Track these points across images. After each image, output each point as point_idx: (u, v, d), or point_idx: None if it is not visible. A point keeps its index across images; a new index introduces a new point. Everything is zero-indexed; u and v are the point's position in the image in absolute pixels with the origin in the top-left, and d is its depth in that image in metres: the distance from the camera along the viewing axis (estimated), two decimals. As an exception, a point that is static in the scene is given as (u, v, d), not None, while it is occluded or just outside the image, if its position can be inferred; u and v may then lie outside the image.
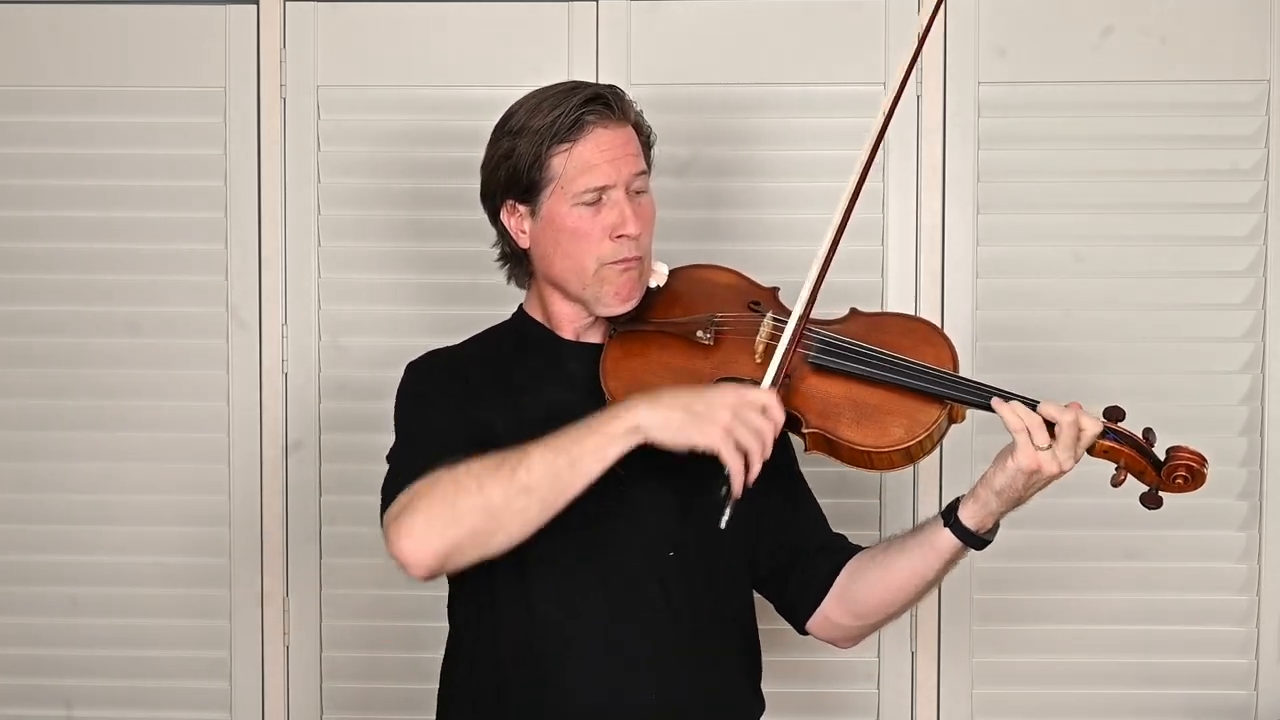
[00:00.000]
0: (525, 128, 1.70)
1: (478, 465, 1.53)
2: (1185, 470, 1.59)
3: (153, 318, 2.39)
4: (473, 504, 1.51)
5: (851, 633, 1.80)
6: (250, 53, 2.37)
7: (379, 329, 2.38)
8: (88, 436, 2.40)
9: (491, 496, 1.51)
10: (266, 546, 2.38)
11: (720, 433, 1.51)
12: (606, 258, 1.69)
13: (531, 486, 1.51)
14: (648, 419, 1.52)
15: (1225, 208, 2.33)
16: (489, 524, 1.52)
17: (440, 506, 1.52)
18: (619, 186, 1.69)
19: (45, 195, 2.39)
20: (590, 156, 1.68)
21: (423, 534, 1.51)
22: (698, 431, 1.51)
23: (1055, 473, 1.57)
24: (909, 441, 1.60)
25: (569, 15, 2.35)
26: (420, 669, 2.33)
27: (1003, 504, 1.60)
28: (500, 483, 1.51)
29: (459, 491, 1.52)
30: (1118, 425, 1.60)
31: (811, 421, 1.62)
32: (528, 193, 1.71)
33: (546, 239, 1.71)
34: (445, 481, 1.53)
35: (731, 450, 1.51)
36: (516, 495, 1.51)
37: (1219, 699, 2.35)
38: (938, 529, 1.65)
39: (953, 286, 2.33)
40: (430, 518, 1.52)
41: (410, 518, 1.52)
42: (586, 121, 1.68)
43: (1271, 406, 2.32)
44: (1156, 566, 2.34)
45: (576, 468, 1.52)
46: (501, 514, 1.52)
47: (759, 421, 1.52)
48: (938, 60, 2.33)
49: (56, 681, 2.41)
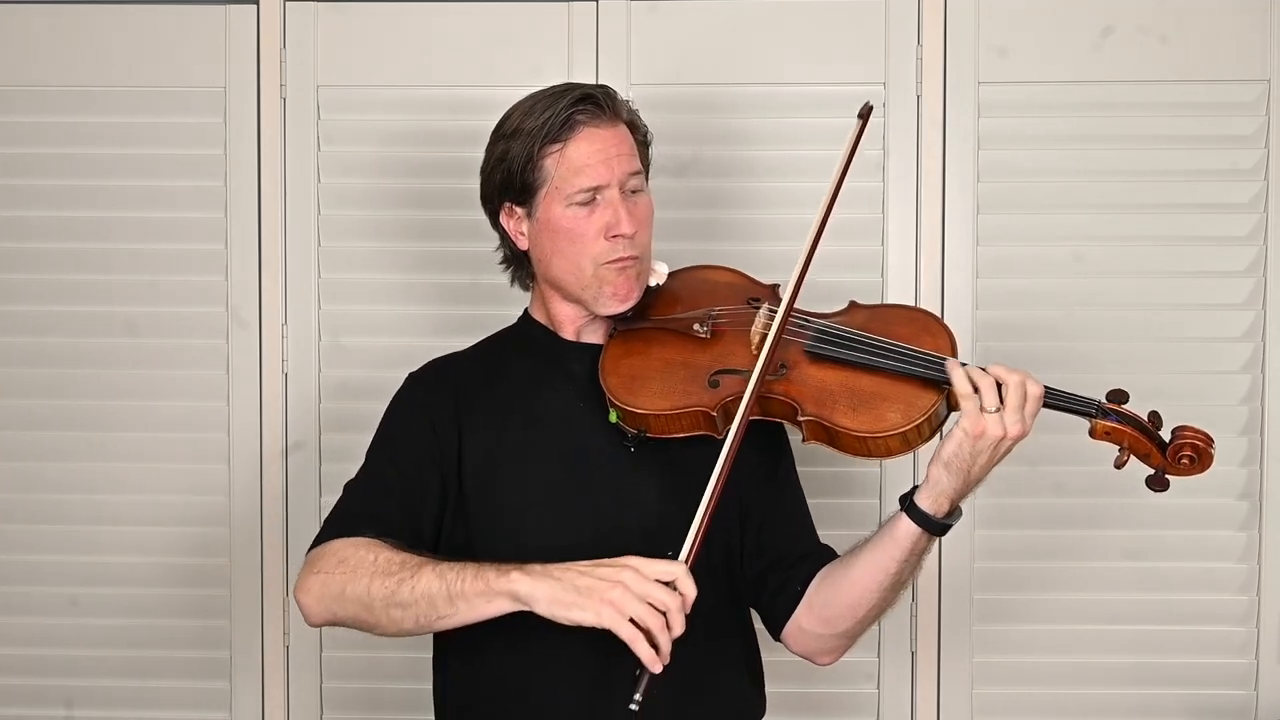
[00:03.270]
0: (519, 130, 1.70)
1: (382, 559, 1.59)
2: (1191, 450, 1.58)
3: (152, 318, 2.39)
4: (357, 595, 1.59)
5: (826, 643, 1.76)
6: (250, 53, 2.37)
7: (379, 329, 2.38)
8: (88, 436, 2.40)
9: (374, 597, 1.58)
10: (266, 546, 2.38)
11: (609, 611, 1.47)
12: (602, 257, 1.69)
13: (409, 604, 1.56)
14: (533, 591, 1.50)
15: (1225, 208, 2.33)
16: (367, 617, 1.60)
17: (333, 585, 1.62)
18: (613, 186, 1.69)
19: (45, 195, 2.39)
20: (582, 157, 1.68)
21: (316, 599, 1.64)
22: (580, 609, 1.48)
23: (1000, 436, 1.55)
24: (905, 426, 1.60)
25: (569, 15, 2.35)
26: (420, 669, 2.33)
27: (953, 479, 1.58)
28: (386, 589, 1.57)
29: (351, 579, 1.60)
30: (1120, 407, 1.61)
31: (808, 410, 1.62)
32: (523, 195, 1.71)
33: (543, 240, 1.72)
34: (349, 563, 1.61)
35: (624, 626, 1.47)
36: (394, 606, 1.57)
37: (1219, 699, 2.35)
38: (897, 518, 1.64)
39: (953, 286, 2.33)
40: (323, 590, 1.63)
41: (312, 578, 1.64)
42: (577, 121, 1.68)
43: (1271, 406, 2.32)
44: (1156, 566, 2.34)
45: (454, 605, 1.55)
46: (378, 614, 1.59)
47: (660, 596, 1.48)
48: (938, 60, 2.33)
49: (56, 681, 2.41)
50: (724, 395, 1.66)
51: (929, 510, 1.60)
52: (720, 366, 1.68)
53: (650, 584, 1.48)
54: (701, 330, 1.71)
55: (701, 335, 1.70)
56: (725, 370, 1.67)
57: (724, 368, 1.67)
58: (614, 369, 1.70)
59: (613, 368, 1.70)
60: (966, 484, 1.59)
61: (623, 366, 1.70)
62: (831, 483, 2.30)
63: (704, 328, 1.71)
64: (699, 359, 1.70)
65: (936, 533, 1.63)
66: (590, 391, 1.72)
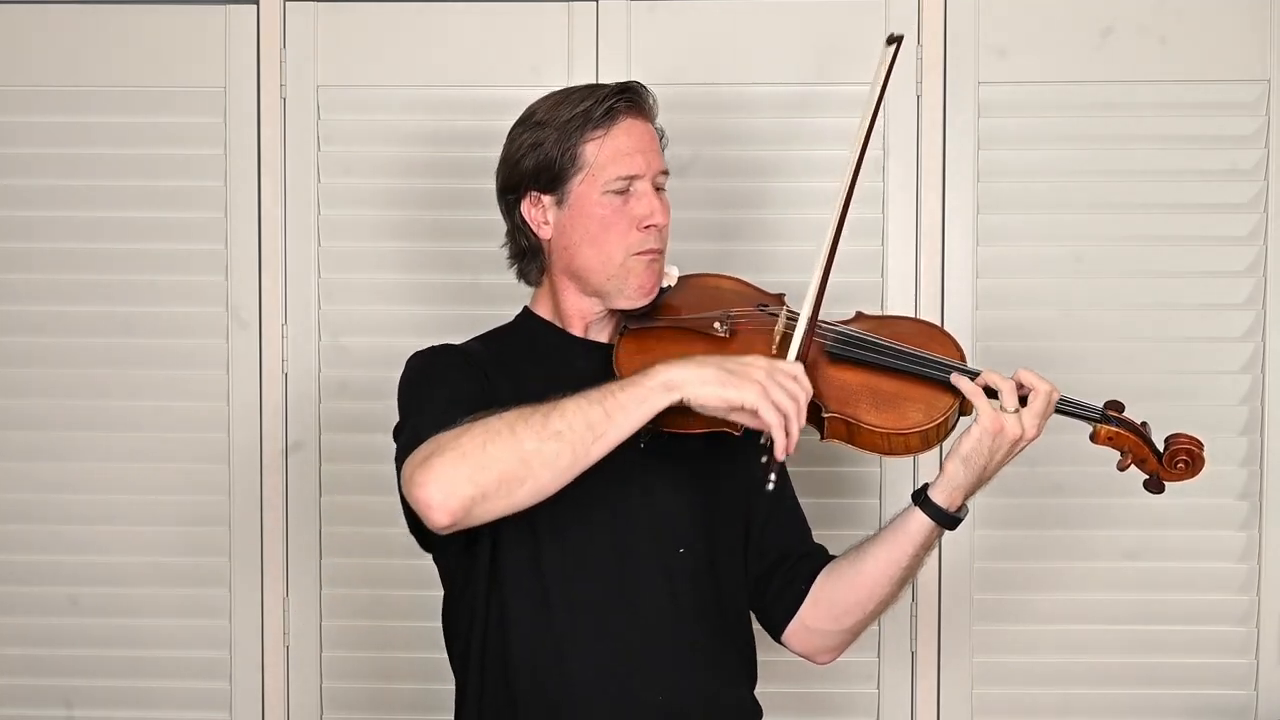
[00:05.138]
0: (552, 119, 1.71)
1: (510, 413, 1.51)
2: (1185, 455, 1.64)
3: (152, 318, 2.39)
4: (504, 448, 1.48)
5: (829, 640, 1.78)
6: (250, 53, 2.37)
7: (379, 329, 2.38)
8: (87, 436, 2.40)
9: (524, 441, 1.48)
10: (266, 546, 2.38)
11: (758, 390, 1.50)
12: (634, 248, 1.70)
13: (563, 433, 1.48)
14: (684, 375, 1.51)
15: (1225, 208, 2.33)
16: (519, 470, 1.48)
17: (471, 450, 1.48)
18: (647, 178, 1.71)
19: (45, 195, 2.39)
20: (623, 145, 1.70)
21: (450, 478, 1.47)
22: (735, 389, 1.50)
23: (1018, 436, 1.60)
24: (927, 425, 1.63)
25: (569, 15, 2.35)
26: (420, 669, 2.34)
27: (969, 474, 1.62)
28: (533, 428, 1.48)
29: (490, 436, 1.48)
30: (1121, 415, 1.66)
31: (831, 407, 1.64)
32: (554, 182, 1.71)
33: (574, 227, 1.72)
34: (476, 428, 1.49)
35: (770, 408, 1.50)
36: (549, 440, 1.48)
37: (1219, 699, 2.35)
38: (910, 513, 1.67)
39: (953, 286, 2.33)
40: (460, 461, 1.48)
41: (439, 461, 1.48)
42: (619, 110, 1.70)
43: (1271, 406, 2.32)
44: (1156, 566, 2.34)
45: (611, 418, 1.50)
46: (532, 460, 1.48)
47: (792, 385, 1.52)
48: (938, 60, 2.33)
49: (56, 681, 2.41)
50: None
51: (943, 504, 1.64)
52: None
53: (785, 376, 1.52)
54: (721, 329, 1.72)
55: (720, 334, 1.71)
56: None
57: None
58: (629, 365, 1.70)
59: (628, 364, 1.70)
60: (980, 480, 1.63)
61: (638, 362, 1.70)
62: (832, 483, 2.30)
63: (724, 326, 1.72)
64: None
65: (949, 527, 1.66)
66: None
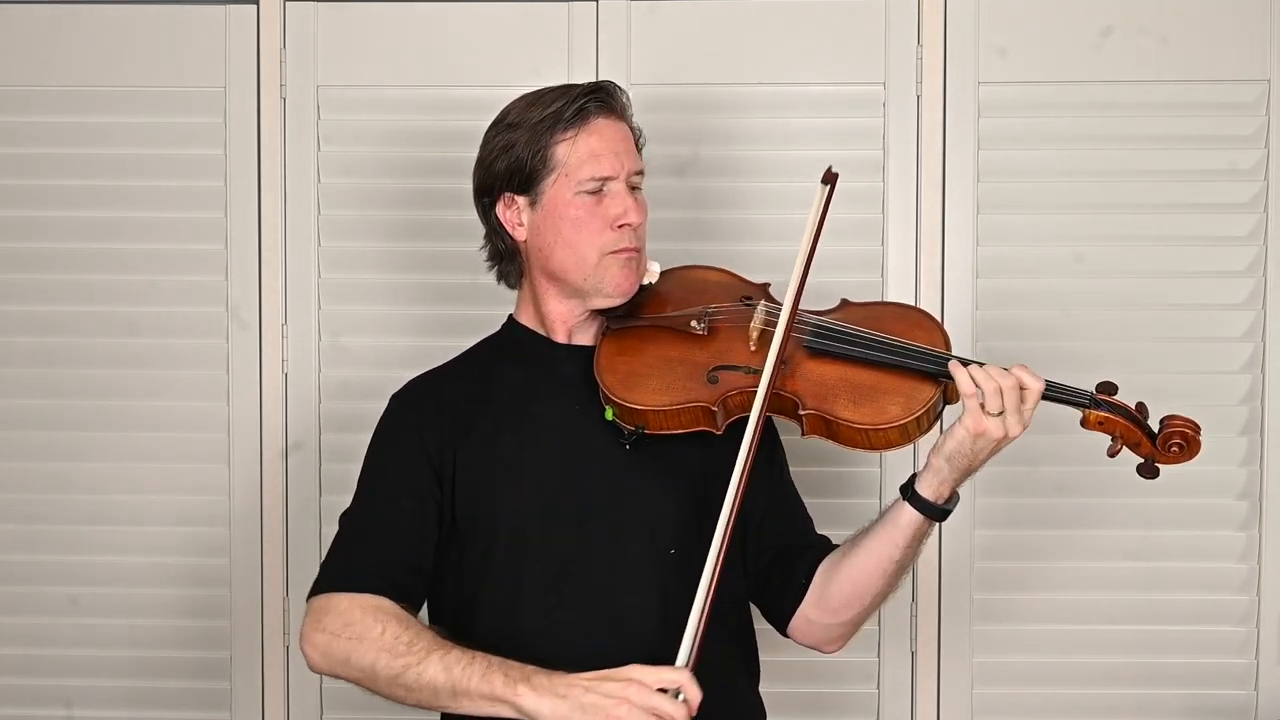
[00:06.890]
0: (524, 120, 1.72)
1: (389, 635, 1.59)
2: (1180, 438, 1.61)
3: (153, 318, 2.39)
4: (362, 667, 1.60)
5: (832, 632, 1.79)
6: (250, 53, 2.37)
7: (379, 329, 2.38)
8: (88, 436, 2.40)
9: (379, 673, 1.59)
10: (266, 546, 2.38)
11: None
12: (608, 247, 1.71)
13: (413, 689, 1.58)
14: (534, 707, 1.50)
15: (1225, 208, 2.32)
16: (371, 686, 1.62)
17: (338, 649, 1.62)
18: (620, 179, 1.71)
19: (45, 195, 2.39)
20: (595, 145, 1.70)
21: (322, 656, 1.64)
22: None
23: (1001, 437, 1.59)
24: (905, 419, 1.62)
25: (569, 15, 2.35)
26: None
27: (954, 470, 1.62)
28: (391, 670, 1.58)
29: (356, 649, 1.60)
30: (1111, 398, 1.64)
31: (808, 404, 1.64)
32: (527, 183, 1.72)
33: (547, 228, 1.72)
34: (355, 629, 1.61)
35: None
36: (398, 686, 1.59)
37: (1219, 699, 2.35)
38: (899, 506, 1.67)
39: (953, 286, 2.33)
40: (329, 650, 1.63)
41: (318, 635, 1.64)
42: (590, 111, 1.70)
43: (1271, 406, 2.32)
44: (1156, 566, 2.34)
45: (457, 700, 1.56)
46: (381, 687, 1.61)
47: (666, 708, 1.48)
48: (938, 60, 2.33)
49: (56, 681, 2.41)
50: (723, 390, 1.67)
51: (930, 497, 1.64)
52: (719, 362, 1.69)
53: (655, 697, 1.48)
54: (699, 327, 1.72)
55: (698, 332, 1.71)
56: (724, 366, 1.69)
57: (722, 363, 1.69)
58: (610, 366, 1.70)
59: (609, 365, 1.71)
60: (966, 472, 1.63)
61: (619, 364, 1.71)
62: (831, 483, 2.30)
63: (701, 324, 1.72)
64: (697, 355, 1.71)
65: (938, 518, 1.66)
66: (585, 394, 1.72)
